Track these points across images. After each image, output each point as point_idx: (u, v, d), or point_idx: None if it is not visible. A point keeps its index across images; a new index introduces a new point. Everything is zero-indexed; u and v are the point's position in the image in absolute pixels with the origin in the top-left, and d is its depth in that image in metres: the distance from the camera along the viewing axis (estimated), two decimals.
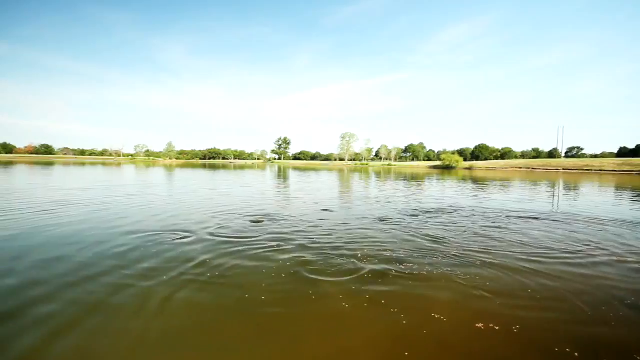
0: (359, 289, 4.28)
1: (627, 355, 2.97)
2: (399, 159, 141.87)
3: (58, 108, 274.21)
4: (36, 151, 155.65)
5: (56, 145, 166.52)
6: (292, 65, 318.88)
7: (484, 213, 10.73)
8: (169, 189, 17.75)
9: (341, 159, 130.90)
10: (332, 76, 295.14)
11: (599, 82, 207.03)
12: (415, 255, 5.83)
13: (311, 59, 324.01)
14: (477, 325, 3.42)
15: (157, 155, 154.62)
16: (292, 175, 37.11)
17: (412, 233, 7.58)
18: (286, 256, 5.64)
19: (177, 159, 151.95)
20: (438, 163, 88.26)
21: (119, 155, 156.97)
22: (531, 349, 3.05)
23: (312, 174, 40.83)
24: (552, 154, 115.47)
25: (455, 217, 9.85)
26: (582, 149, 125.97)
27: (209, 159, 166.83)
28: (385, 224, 8.58)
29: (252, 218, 9.03)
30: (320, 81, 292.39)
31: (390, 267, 5.12)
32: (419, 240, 6.96)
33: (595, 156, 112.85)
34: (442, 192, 18.38)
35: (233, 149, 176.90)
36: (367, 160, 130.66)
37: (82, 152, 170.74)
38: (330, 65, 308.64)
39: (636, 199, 16.68)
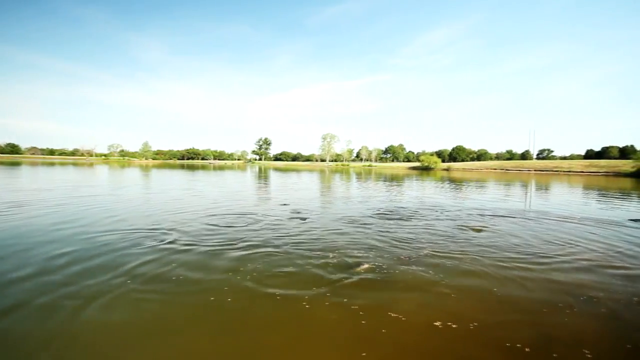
0: (321, 290, 4.12)
1: (578, 350, 2.95)
2: (379, 159, 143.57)
3: (25, 105, 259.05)
4: (1, 150, 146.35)
5: (23, 145, 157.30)
6: (273, 65, 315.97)
7: (458, 213, 10.83)
8: (137, 190, 16.81)
9: (322, 160, 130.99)
10: (314, 77, 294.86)
11: (568, 87, 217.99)
12: (384, 255, 5.73)
13: (293, 59, 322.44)
14: (435, 324, 3.36)
15: (133, 155, 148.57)
16: (272, 175, 36.60)
17: (384, 233, 7.49)
18: (244, 259, 5.40)
19: (153, 159, 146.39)
20: (417, 164, 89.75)
21: (91, 155, 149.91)
22: (485, 345, 3.01)
23: (292, 174, 40.43)
24: (525, 156, 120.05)
25: (429, 218, 9.86)
26: (552, 151, 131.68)
27: (188, 159, 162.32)
28: (357, 225, 8.46)
29: (218, 219, 8.59)
30: (302, 82, 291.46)
31: (356, 268, 4.97)
32: (390, 240, 6.86)
33: (564, 158, 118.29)
34: (420, 192, 18.58)
35: (212, 149, 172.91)
36: (348, 161, 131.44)
37: (52, 152, 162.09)
38: (311, 66, 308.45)
39: (601, 198, 17.44)
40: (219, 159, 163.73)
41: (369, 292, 4.10)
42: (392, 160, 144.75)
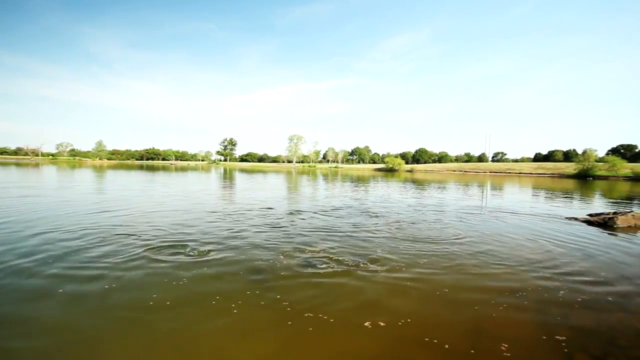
0: (254, 292, 4.11)
1: (497, 345, 3.11)
2: (345, 161, 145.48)
3: None
4: None
5: None
6: (239, 64, 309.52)
7: (419, 211, 11.22)
8: (73, 191, 15.66)
9: (289, 161, 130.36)
10: (281, 78, 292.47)
11: (520, 94, 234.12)
12: (330, 255, 5.77)
13: (260, 59, 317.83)
14: (365, 324, 3.41)
15: (85, 155, 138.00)
16: (234, 176, 35.73)
17: (328, 233, 7.58)
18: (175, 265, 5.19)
19: (108, 159, 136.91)
20: (382, 166, 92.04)
21: (37, 155, 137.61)
22: (409, 342, 3.10)
23: (258, 175, 39.79)
24: (481, 158, 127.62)
25: (390, 216, 10.07)
26: (505, 154, 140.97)
27: (147, 159, 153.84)
28: (317, 225, 8.46)
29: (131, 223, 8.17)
30: (269, 82, 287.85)
31: (298, 269, 4.99)
32: (345, 239, 6.95)
33: (516, 161, 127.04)
34: (386, 192, 18.96)
35: (174, 149, 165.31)
36: (315, 162, 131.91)
37: None
38: (279, 67, 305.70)
39: (547, 197, 19.07)
40: (181, 160, 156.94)
41: (301, 293, 4.13)
42: (358, 162, 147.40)
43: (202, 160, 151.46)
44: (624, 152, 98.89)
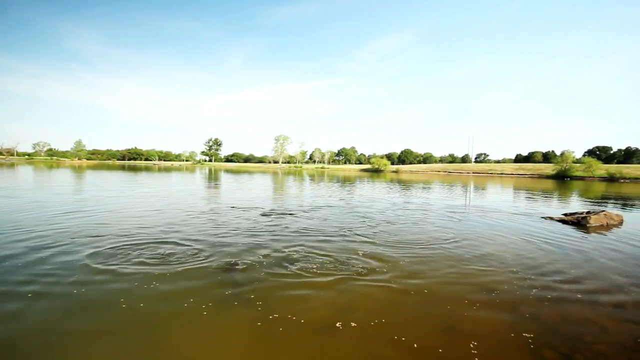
0: (225, 293, 4.05)
1: (467, 343, 3.15)
2: (332, 162, 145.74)
3: None
4: None
5: None
6: (225, 64, 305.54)
7: (402, 210, 11.32)
8: (45, 192, 15.13)
9: (275, 162, 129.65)
10: (267, 78, 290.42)
11: (502, 97, 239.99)
12: (306, 256, 5.76)
13: (245, 59, 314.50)
14: (336, 324, 3.40)
15: (63, 155, 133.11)
16: (219, 177, 35.30)
17: (320, 234, 7.57)
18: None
19: (88, 159, 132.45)
20: (368, 166, 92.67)
21: (12, 155, 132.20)
22: (378, 342, 3.10)
23: (244, 176, 39.42)
24: (465, 159, 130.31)
25: (372, 217, 10.13)
26: (487, 155, 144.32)
27: (129, 159, 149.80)
28: (298, 226, 8.43)
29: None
30: (255, 82, 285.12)
31: (273, 269, 4.96)
32: (326, 240, 6.94)
33: (498, 161, 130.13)
34: (370, 193, 19.07)
35: (158, 149, 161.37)
36: (301, 163, 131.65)
37: None
38: (265, 67, 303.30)
39: (526, 197, 19.64)
40: (164, 160, 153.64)
41: (277, 293, 4.11)
42: (345, 163, 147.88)
43: (187, 161, 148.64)
44: (600, 153, 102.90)
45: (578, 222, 9.62)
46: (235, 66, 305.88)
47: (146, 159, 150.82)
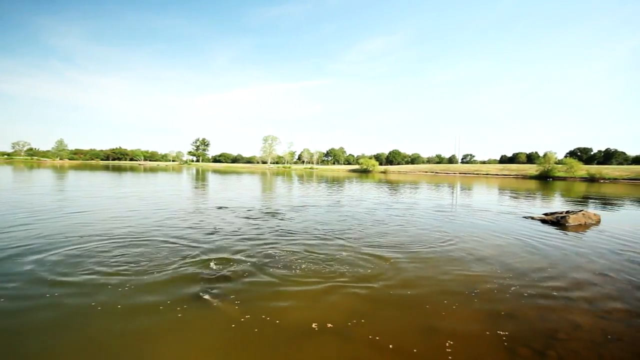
0: (198, 294, 3.99)
1: (443, 342, 3.19)
2: (320, 162, 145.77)
3: None
4: None
5: None
6: (212, 63, 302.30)
7: (390, 210, 11.40)
8: (18, 193, 14.71)
9: (264, 162, 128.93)
10: (256, 77, 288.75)
11: (487, 98, 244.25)
12: (287, 257, 5.74)
13: (233, 58, 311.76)
14: (312, 325, 3.40)
15: (44, 154, 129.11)
16: (206, 177, 34.90)
17: (305, 235, 7.56)
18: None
19: (70, 159, 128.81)
20: (357, 167, 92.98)
21: None
22: (353, 343, 3.11)
23: (232, 176, 39.06)
24: (451, 160, 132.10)
25: (358, 217, 10.17)
26: (473, 156, 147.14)
27: (113, 159, 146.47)
28: (279, 226, 8.36)
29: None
30: (243, 82, 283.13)
31: (252, 270, 4.93)
32: (309, 241, 6.93)
33: (484, 162, 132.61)
34: (359, 193, 19.13)
35: (143, 149, 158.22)
36: (290, 163, 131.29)
37: None
38: (253, 67, 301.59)
39: (510, 197, 20.08)
40: (150, 160, 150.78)
41: (250, 294, 4.08)
42: (333, 163, 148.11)
43: (173, 161, 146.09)
44: (581, 154, 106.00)
45: (557, 221, 9.86)
46: (223, 65, 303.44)
47: (131, 159, 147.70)
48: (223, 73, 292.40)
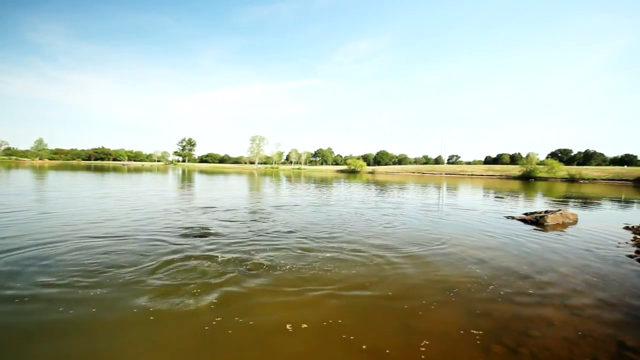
0: (171, 295, 3.92)
1: (418, 341, 3.22)
2: (308, 162, 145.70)
3: None
4: None
5: None
6: (199, 62, 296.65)
7: (375, 210, 11.43)
8: None
9: (251, 162, 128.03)
10: (243, 77, 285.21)
11: (473, 99, 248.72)
12: (263, 258, 5.70)
13: (220, 57, 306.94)
14: (286, 326, 3.37)
15: (23, 154, 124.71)
16: (192, 178, 34.41)
17: (287, 236, 7.52)
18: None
19: (50, 159, 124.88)
20: (345, 167, 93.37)
21: None
22: (323, 340, 3.13)
23: (219, 177, 38.64)
24: (438, 161, 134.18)
25: (344, 214, 10.16)
26: (459, 157, 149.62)
27: (96, 159, 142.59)
28: (261, 229, 8.30)
29: None
30: (230, 81, 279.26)
31: (226, 271, 4.88)
32: (291, 243, 6.90)
33: (469, 163, 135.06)
34: (346, 193, 19.18)
35: (127, 149, 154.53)
36: (278, 163, 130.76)
37: None
38: (241, 66, 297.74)
39: (493, 197, 20.57)
40: (135, 160, 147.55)
41: (221, 296, 4.04)
42: (321, 164, 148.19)
43: (158, 161, 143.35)
44: (561, 155, 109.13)
45: (536, 221, 10.11)
46: (210, 64, 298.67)
47: (114, 159, 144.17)
48: (210, 72, 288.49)
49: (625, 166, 76.02)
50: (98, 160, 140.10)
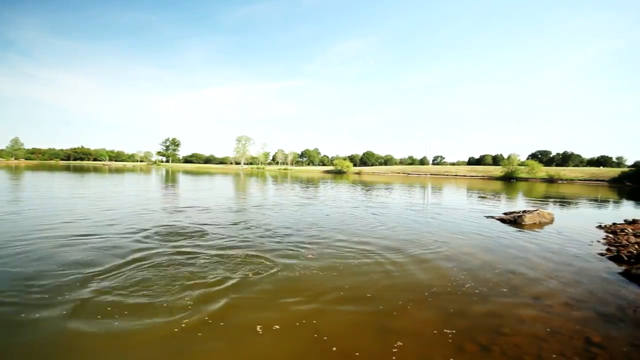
0: (155, 297, 3.83)
1: (393, 341, 3.26)
2: (295, 163, 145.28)
3: None
4: None
5: None
6: (182, 60, 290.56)
7: (360, 210, 11.47)
8: None
9: (237, 163, 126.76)
10: (229, 77, 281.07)
11: (457, 101, 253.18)
12: (240, 258, 5.66)
13: (205, 56, 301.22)
14: (257, 328, 3.35)
15: None
16: (176, 179, 33.81)
17: (268, 237, 7.48)
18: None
19: (27, 159, 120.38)
20: (331, 168, 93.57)
21: None
22: (294, 341, 3.14)
23: (204, 178, 38.08)
24: (423, 162, 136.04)
25: (329, 213, 10.17)
26: (444, 158, 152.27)
27: (75, 159, 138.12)
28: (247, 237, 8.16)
29: None
30: (215, 81, 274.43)
31: (200, 273, 4.81)
32: (272, 243, 6.87)
33: (453, 164, 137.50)
34: (333, 193, 19.18)
35: (108, 149, 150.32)
36: (264, 164, 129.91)
37: None
38: (226, 66, 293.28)
39: (476, 197, 20.96)
40: (116, 161, 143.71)
41: (190, 298, 4.00)
42: (308, 164, 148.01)
43: (141, 162, 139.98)
44: (541, 157, 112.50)
45: (515, 220, 10.39)
46: (194, 63, 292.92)
47: (95, 159, 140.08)
48: (195, 71, 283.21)
49: (601, 167, 79.08)
50: (77, 161, 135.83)
